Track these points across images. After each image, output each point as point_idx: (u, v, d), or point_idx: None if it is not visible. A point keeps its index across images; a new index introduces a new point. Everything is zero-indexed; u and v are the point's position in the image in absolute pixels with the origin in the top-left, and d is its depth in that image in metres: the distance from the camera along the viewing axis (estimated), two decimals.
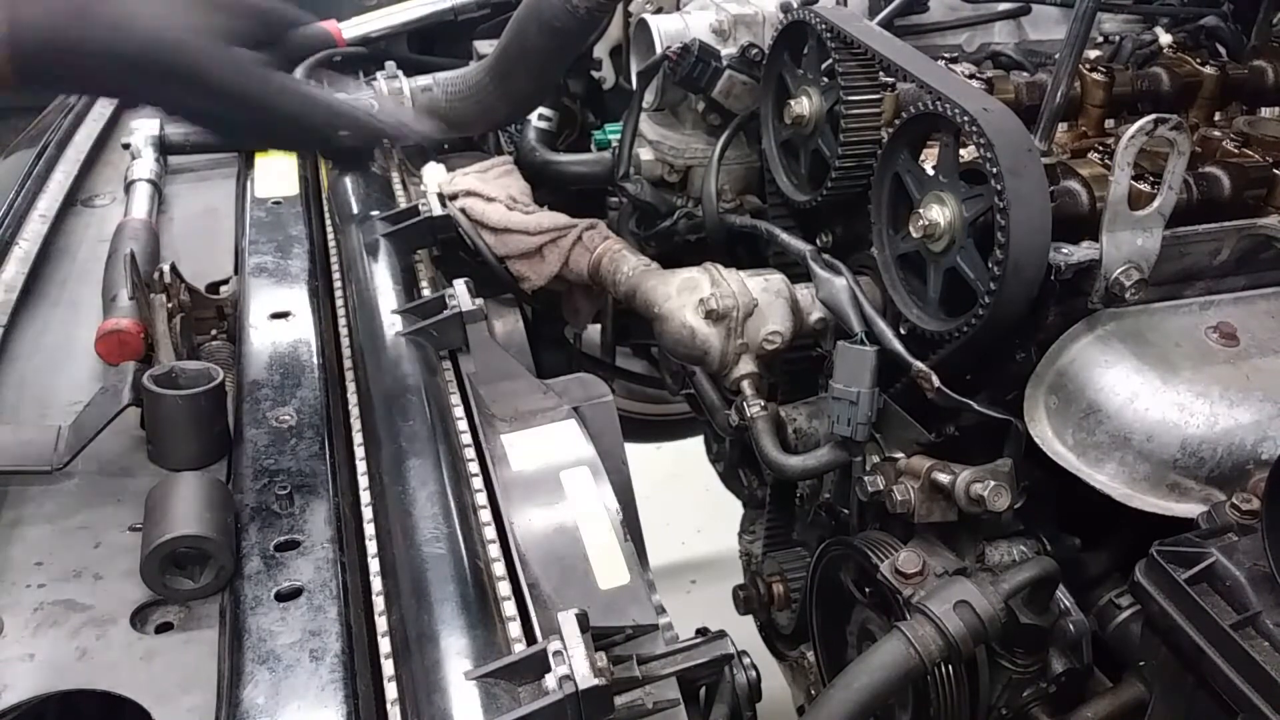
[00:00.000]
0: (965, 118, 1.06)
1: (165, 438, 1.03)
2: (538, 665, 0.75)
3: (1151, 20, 1.62)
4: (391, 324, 1.19)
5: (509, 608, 0.85)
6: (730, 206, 1.55)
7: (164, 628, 0.87)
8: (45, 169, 1.58)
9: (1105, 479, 1.05)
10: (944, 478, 1.10)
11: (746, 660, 0.86)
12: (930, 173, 1.16)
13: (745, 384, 1.29)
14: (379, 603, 0.87)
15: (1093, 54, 1.47)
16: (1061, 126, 1.28)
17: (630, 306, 1.38)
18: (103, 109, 1.82)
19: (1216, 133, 1.28)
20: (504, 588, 0.87)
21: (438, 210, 1.39)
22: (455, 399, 1.09)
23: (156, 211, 1.51)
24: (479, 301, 1.13)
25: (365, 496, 0.99)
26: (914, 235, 1.14)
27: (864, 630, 1.29)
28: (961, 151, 1.13)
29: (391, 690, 0.79)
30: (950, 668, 1.08)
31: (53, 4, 0.88)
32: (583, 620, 0.76)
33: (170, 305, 1.20)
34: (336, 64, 1.79)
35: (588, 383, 1.14)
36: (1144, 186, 1.10)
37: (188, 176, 1.65)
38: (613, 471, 1.01)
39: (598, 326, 1.83)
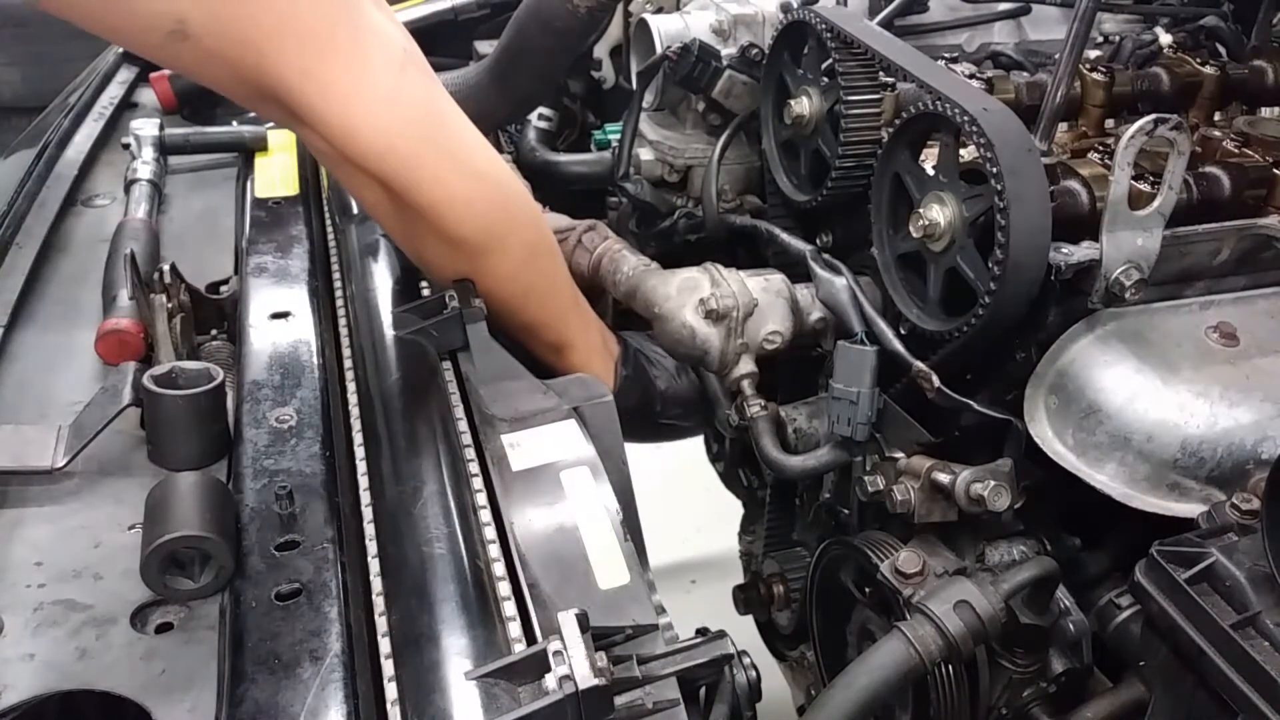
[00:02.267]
0: (965, 118, 1.06)
1: (165, 438, 1.03)
2: (538, 665, 0.75)
3: (1151, 20, 1.62)
4: (391, 324, 1.19)
5: (509, 608, 0.85)
6: (730, 206, 1.55)
7: (164, 628, 0.86)
8: (45, 169, 1.58)
9: (1105, 479, 1.05)
10: (944, 478, 1.10)
11: (746, 660, 0.86)
12: (930, 173, 1.16)
13: (745, 384, 1.29)
14: (379, 603, 0.87)
15: (1093, 54, 1.47)
16: (1061, 126, 1.28)
17: (630, 306, 1.38)
18: (103, 109, 1.82)
19: (1216, 133, 1.28)
20: (504, 588, 0.87)
21: None
22: (455, 399, 1.09)
23: (156, 211, 1.51)
24: (479, 301, 1.13)
25: (365, 496, 0.99)
26: (914, 235, 1.14)
27: (864, 630, 1.29)
28: (961, 151, 1.13)
29: (391, 690, 0.79)
30: (950, 668, 1.08)
31: None
32: (583, 620, 0.76)
33: (170, 305, 1.20)
34: None
35: (588, 383, 1.14)
36: (1144, 186, 1.10)
37: (188, 176, 1.65)
38: (613, 471, 1.01)
39: None
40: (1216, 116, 1.40)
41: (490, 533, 0.92)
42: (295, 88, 0.95)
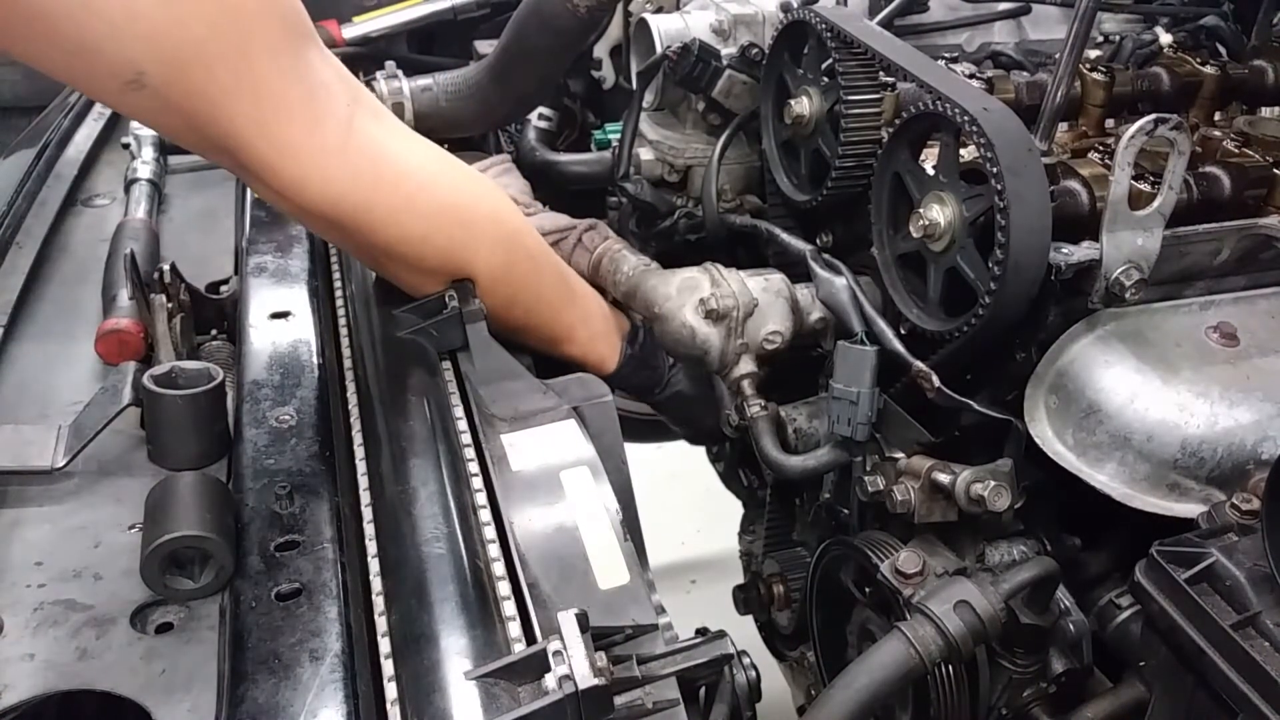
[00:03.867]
0: (965, 117, 1.06)
1: (165, 438, 1.03)
2: (537, 665, 0.75)
3: (1151, 20, 1.62)
4: (391, 324, 1.19)
5: (509, 607, 0.85)
6: (730, 206, 1.55)
7: (164, 628, 0.87)
8: (45, 169, 1.58)
9: (1105, 479, 1.05)
10: (944, 478, 1.10)
11: (746, 660, 0.86)
12: (930, 172, 1.16)
13: (745, 384, 1.29)
14: (379, 603, 0.87)
15: (1093, 54, 1.47)
16: (1061, 126, 1.28)
17: (631, 306, 1.38)
18: (102, 109, 1.82)
19: (1216, 133, 1.28)
20: (504, 587, 0.87)
21: None
22: (455, 399, 1.09)
23: (156, 211, 1.50)
24: (478, 301, 1.13)
25: (365, 496, 0.99)
26: (914, 235, 1.14)
27: (864, 630, 1.28)
28: (962, 151, 1.13)
29: (391, 690, 0.79)
30: (950, 668, 1.07)
31: None
32: (582, 620, 0.76)
33: (170, 305, 1.20)
34: None
35: (588, 383, 1.14)
36: (1144, 186, 1.10)
37: (188, 176, 1.65)
38: (613, 471, 1.01)
39: None
40: (1216, 116, 1.40)
41: (490, 532, 0.92)
42: (248, 143, 0.98)
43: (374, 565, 0.91)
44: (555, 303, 1.29)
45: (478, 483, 0.98)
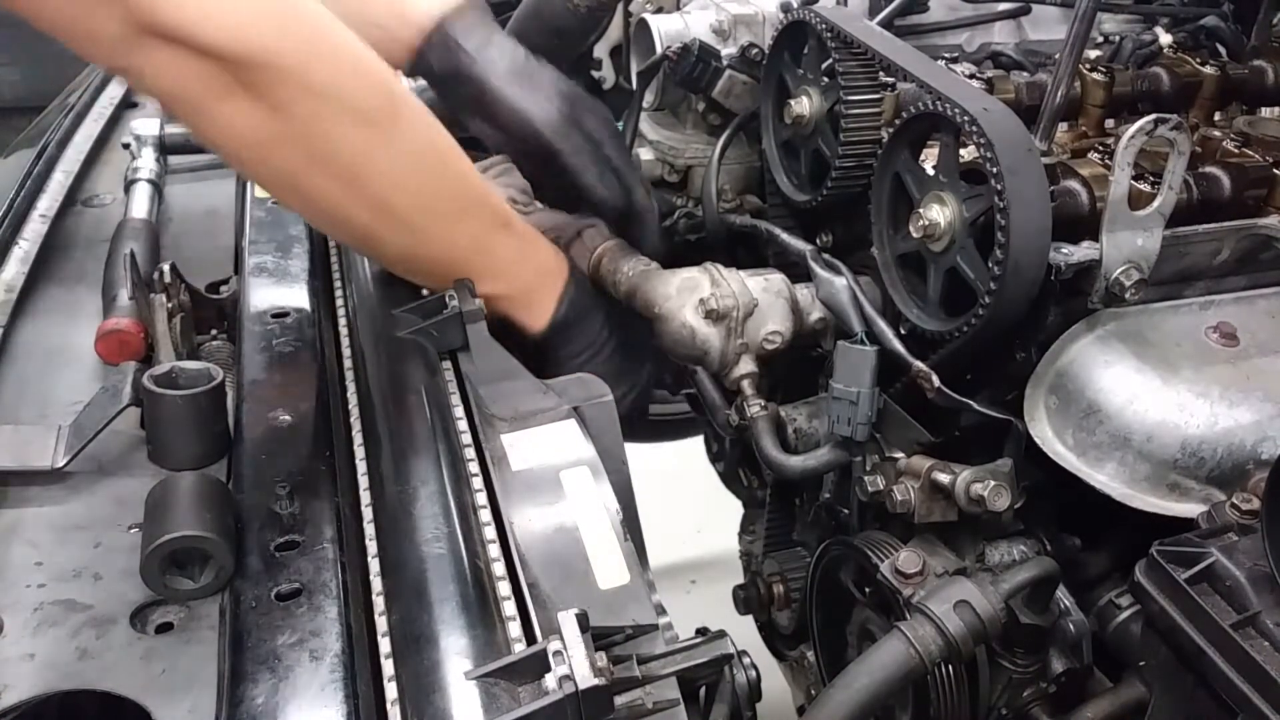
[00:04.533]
0: (965, 118, 1.06)
1: (165, 438, 1.03)
2: (537, 665, 0.75)
3: (1151, 20, 1.62)
4: (391, 324, 1.19)
5: (509, 607, 0.85)
6: (730, 206, 1.55)
7: (164, 628, 0.87)
8: (45, 169, 1.58)
9: (1105, 479, 1.05)
10: (944, 478, 1.10)
11: (746, 660, 0.86)
12: (930, 173, 1.16)
13: (745, 384, 1.29)
14: (379, 603, 0.87)
15: (1093, 54, 1.47)
16: (1061, 126, 1.28)
17: (630, 306, 1.38)
18: (102, 109, 1.82)
19: (1216, 133, 1.28)
20: (504, 587, 0.87)
21: None
22: (455, 399, 1.09)
23: (156, 211, 1.51)
24: (479, 301, 1.13)
25: (365, 496, 0.99)
26: (914, 235, 1.14)
27: (864, 630, 1.29)
28: (962, 151, 1.13)
29: (391, 690, 0.79)
30: (950, 668, 1.08)
31: None
32: (583, 620, 0.76)
33: (170, 305, 1.20)
34: None
35: (588, 383, 1.14)
36: (1144, 186, 1.10)
37: (188, 176, 1.64)
38: (613, 471, 1.01)
39: None
40: (1216, 116, 1.40)
41: (490, 533, 0.92)
42: None
43: (374, 565, 0.91)
44: (487, 217, 1.19)
45: (478, 483, 0.98)
